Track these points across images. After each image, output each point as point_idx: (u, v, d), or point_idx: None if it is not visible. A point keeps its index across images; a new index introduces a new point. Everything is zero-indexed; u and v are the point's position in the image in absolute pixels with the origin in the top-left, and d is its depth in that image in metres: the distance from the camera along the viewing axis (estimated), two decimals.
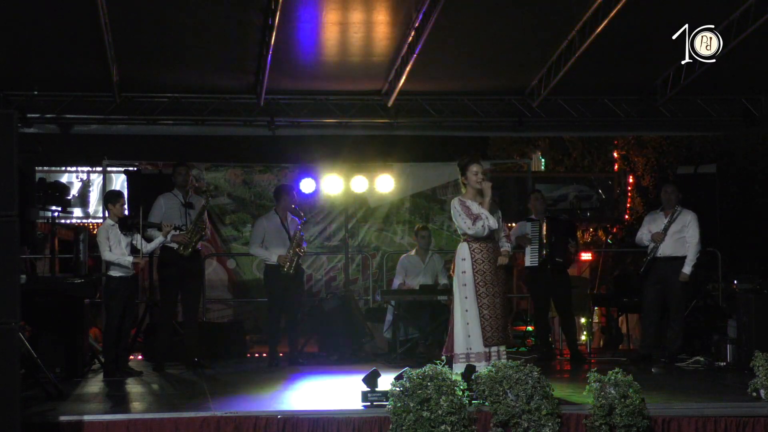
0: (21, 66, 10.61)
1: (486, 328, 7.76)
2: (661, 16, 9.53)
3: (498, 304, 7.81)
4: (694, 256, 10.02)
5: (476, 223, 7.79)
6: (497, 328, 7.79)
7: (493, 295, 7.81)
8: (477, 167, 7.92)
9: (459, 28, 9.93)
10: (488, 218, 7.81)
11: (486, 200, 7.87)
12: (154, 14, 9.47)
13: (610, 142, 18.96)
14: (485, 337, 7.76)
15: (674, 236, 10.09)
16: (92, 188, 15.47)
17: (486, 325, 7.76)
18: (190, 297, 10.05)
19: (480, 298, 7.78)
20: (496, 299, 7.82)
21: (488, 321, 7.77)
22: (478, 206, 7.85)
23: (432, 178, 13.02)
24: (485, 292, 7.80)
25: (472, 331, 7.79)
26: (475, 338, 7.80)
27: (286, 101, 11.77)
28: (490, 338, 7.76)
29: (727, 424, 7.10)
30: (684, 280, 10.04)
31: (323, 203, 12.53)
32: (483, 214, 7.81)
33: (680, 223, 10.11)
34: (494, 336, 7.77)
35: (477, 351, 7.77)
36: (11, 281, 6.25)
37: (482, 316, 7.77)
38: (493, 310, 7.79)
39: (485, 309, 7.78)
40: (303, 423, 6.84)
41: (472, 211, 7.83)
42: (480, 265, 7.82)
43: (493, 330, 7.77)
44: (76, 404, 7.52)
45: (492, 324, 7.77)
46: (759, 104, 12.03)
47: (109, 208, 9.48)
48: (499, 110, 12.07)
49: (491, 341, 7.76)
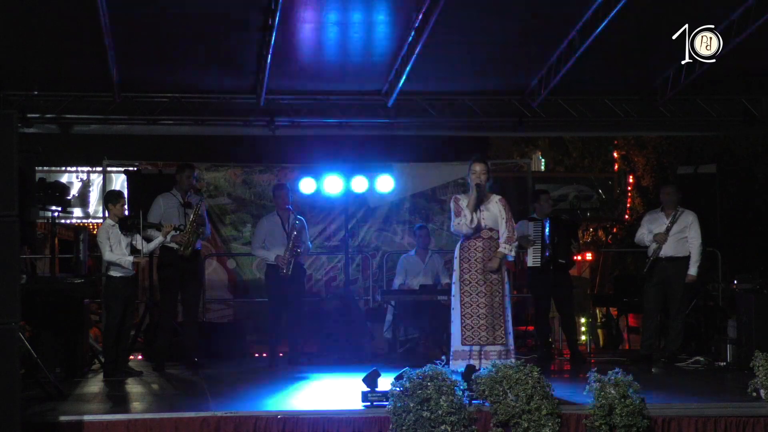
0: (21, 66, 10.61)
1: (465, 326, 7.90)
2: (661, 16, 9.53)
3: (482, 304, 7.89)
4: (698, 257, 10.04)
5: (456, 219, 7.96)
6: (478, 328, 7.86)
7: (477, 294, 7.90)
8: (479, 167, 8.05)
9: (459, 28, 9.93)
10: (467, 216, 7.93)
11: (471, 198, 7.97)
12: (154, 14, 9.46)
13: (610, 142, 18.96)
14: (463, 336, 7.91)
15: (676, 236, 10.10)
16: (92, 188, 15.49)
17: (465, 323, 7.89)
18: (190, 297, 10.05)
19: (462, 296, 7.93)
20: (480, 298, 7.90)
21: (468, 320, 7.88)
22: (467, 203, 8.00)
23: (432, 178, 13.02)
24: (468, 290, 7.93)
25: (455, 330, 7.97)
26: (455, 336, 7.98)
27: (286, 101, 11.76)
28: (469, 337, 7.89)
29: (727, 424, 7.09)
30: (691, 282, 10.06)
31: (323, 203, 12.52)
32: (465, 211, 7.91)
33: (682, 224, 10.11)
34: (474, 335, 7.87)
35: (455, 349, 7.94)
36: (11, 281, 6.25)
37: (463, 314, 7.91)
38: (475, 309, 7.88)
39: (466, 308, 7.91)
40: (303, 423, 6.84)
41: (461, 208, 7.96)
42: (466, 263, 7.95)
43: (473, 329, 7.86)
44: (76, 404, 7.51)
45: (472, 323, 7.87)
46: (759, 104, 12.03)
47: (109, 208, 9.48)
48: (499, 110, 12.07)
49: (469, 340, 7.88)
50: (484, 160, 8.20)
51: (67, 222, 14.97)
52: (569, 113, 11.99)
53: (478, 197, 7.99)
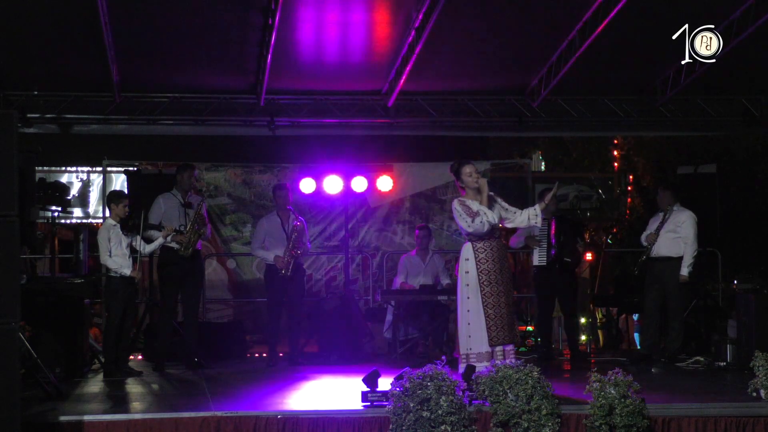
0: (21, 66, 10.62)
1: (491, 327, 7.77)
2: (661, 16, 9.53)
3: (503, 303, 7.83)
4: (691, 256, 9.99)
5: (475, 219, 7.81)
6: (502, 327, 7.80)
7: (497, 294, 7.82)
8: (470, 168, 8.00)
9: (459, 28, 9.93)
10: (486, 214, 7.83)
11: (484, 196, 7.90)
12: (154, 14, 9.47)
13: (610, 142, 18.95)
14: (490, 336, 7.77)
15: (668, 236, 10.07)
16: (92, 188, 15.49)
17: (491, 324, 7.77)
18: (190, 297, 10.06)
19: (485, 297, 7.80)
20: (501, 298, 7.82)
21: (493, 320, 7.78)
22: (478, 204, 7.88)
23: (432, 178, 13.01)
24: (490, 291, 7.81)
25: (473, 332, 7.81)
26: (476, 338, 7.81)
27: (286, 101, 11.77)
28: (495, 338, 7.78)
29: (727, 424, 7.09)
30: (683, 281, 10.04)
31: (323, 203, 12.52)
32: (482, 210, 7.84)
33: (674, 223, 10.08)
34: (499, 335, 7.78)
35: (478, 351, 7.78)
36: (11, 281, 6.25)
37: (487, 315, 7.78)
38: (498, 309, 7.79)
39: (490, 308, 7.79)
40: (303, 423, 6.84)
41: (472, 209, 7.85)
42: (484, 265, 7.83)
43: (498, 329, 7.78)
44: (76, 404, 7.51)
45: (497, 323, 7.78)
46: (759, 104, 12.03)
47: (111, 208, 9.46)
48: (499, 110, 12.07)
49: (496, 341, 7.78)
50: (470, 161, 8.16)
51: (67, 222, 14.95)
52: (569, 113, 11.99)
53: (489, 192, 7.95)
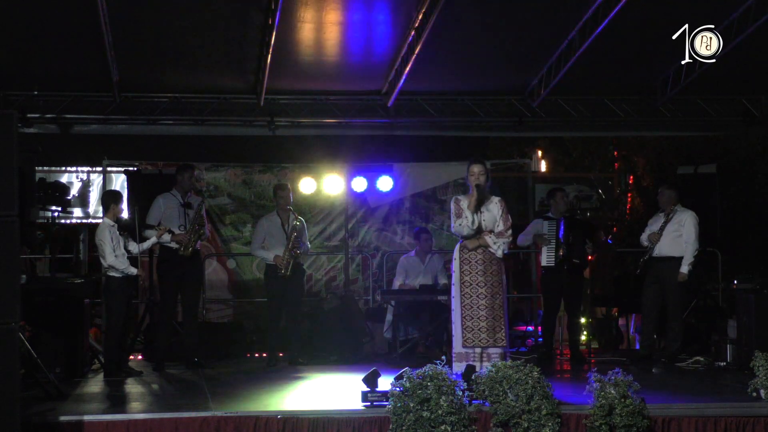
0: (21, 66, 10.61)
1: (466, 328, 7.89)
2: (661, 16, 9.52)
3: (482, 306, 7.88)
4: (691, 256, 9.98)
5: (457, 221, 7.98)
6: (478, 330, 7.88)
7: (477, 297, 7.92)
8: (476, 168, 8.07)
9: (459, 28, 9.93)
10: (468, 217, 7.91)
11: (471, 200, 7.96)
12: (154, 14, 9.47)
13: (610, 142, 18.96)
14: (464, 337, 7.90)
15: (671, 235, 10.06)
16: (92, 188, 15.48)
17: (466, 325, 7.89)
18: (190, 297, 10.06)
19: (463, 298, 7.93)
20: (481, 301, 7.90)
21: (469, 321, 7.88)
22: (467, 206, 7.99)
23: (432, 178, 13.00)
24: (469, 292, 7.93)
25: (455, 331, 7.99)
26: (456, 338, 7.99)
27: (286, 101, 11.76)
28: (469, 339, 7.89)
29: (727, 424, 7.10)
30: (683, 280, 10.03)
31: (323, 203, 12.52)
32: (465, 212, 7.90)
33: (676, 222, 10.08)
34: (474, 338, 7.87)
35: (457, 351, 7.95)
36: (11, 281, 6.25)
37: (463, 316, 7.91)
38: (475, 311, 7.87)
39: (466, 309, 7.91)
40: (303, 423, 6.84)
41: (461, 209, 7.98)
42: (466, 265, 7.93)
43: (473, 331, 7.86)
44: (76, 404, 7.52)
45: (472, 325, 7.88)
46: (759, 104, 12.03)
47: (111, 208, 9.46)
48: (499, 110, 12.07)
49: (469, 342, 7.89)
50: (482, 161, 8.21)
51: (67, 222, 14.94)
52: (569, 113, 11.99)
53: (478, 198, 7.99)
